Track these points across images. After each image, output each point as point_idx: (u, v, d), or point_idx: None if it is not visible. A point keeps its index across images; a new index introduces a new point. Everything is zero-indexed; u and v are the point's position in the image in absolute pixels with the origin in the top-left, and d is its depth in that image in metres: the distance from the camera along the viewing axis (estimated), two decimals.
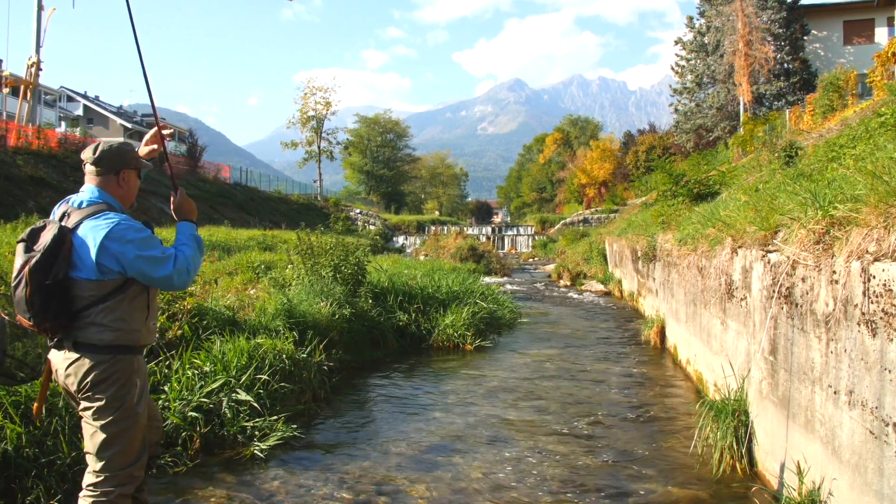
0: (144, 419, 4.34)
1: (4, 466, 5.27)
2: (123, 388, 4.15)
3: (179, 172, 50.43)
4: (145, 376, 4.41)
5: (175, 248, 4.26)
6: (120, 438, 4.16)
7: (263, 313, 9.93)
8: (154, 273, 4.10)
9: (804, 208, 5.33)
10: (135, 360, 4.26)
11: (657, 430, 7.91)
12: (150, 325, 4.38)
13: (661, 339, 13.33)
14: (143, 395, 4.31)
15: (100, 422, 4.14)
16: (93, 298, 4.10)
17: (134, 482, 4.28)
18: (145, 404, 4.37)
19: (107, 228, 4.06)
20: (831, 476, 4.49)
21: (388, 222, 65.78)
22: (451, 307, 14.15)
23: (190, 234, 4.38)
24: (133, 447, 4.24)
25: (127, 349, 4.19)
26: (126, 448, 4.19)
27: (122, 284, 4.14)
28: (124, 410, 4.15)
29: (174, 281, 4.15)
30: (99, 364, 4.10)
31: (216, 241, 21.41)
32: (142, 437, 4.34)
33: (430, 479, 6.37)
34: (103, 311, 4.11)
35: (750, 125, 31.23)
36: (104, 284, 4.10)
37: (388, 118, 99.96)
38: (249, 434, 7.04)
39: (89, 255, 4.05)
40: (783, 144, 14.41)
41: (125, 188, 4.38)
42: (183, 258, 4.18)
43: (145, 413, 4.36)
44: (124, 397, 4.15)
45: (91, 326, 4.11)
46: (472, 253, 32.65)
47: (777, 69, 39.33)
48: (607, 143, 74.50)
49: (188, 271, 4.19)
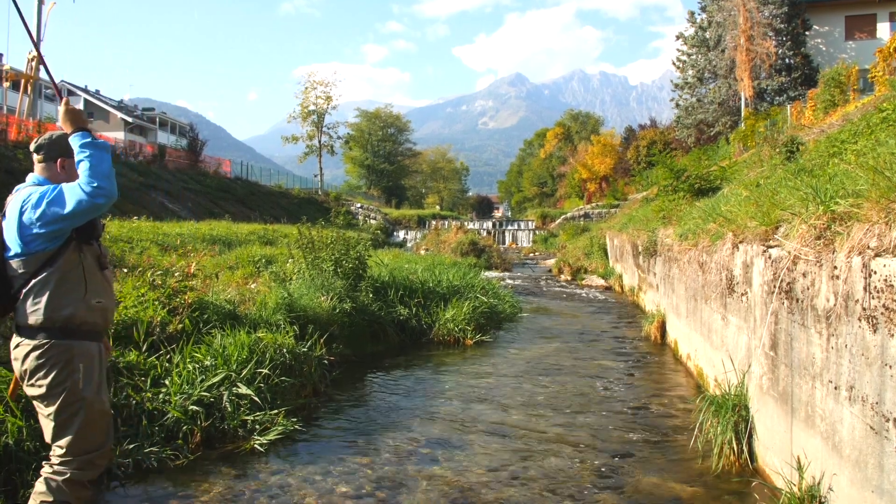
0: (102, 405, 4.28)
1: (5, 459, 5.28)
2: (62, 374, 4.11)
3: (181, 166, 50.48)
4: (98, 361, 4.32)
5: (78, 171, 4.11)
6: (71, 424, 4.14)
7: (264, 307, 9.93)
8: (68, 206, 4.00)
9: (805, 203, 5.32)
10: (74, 344, 4.17)
11: (657, 425, 7.91)
12: (93, 303, 4.26)
13: (661, 334, 13.33)
14: (92, 379, 4.22)
15: (46, 409, 4.14)
16: (24, 276, 4.10)
17: (93, 469, 4.25)
18: (103, 391, 4.31)
19: (22, 199, 4.11)
20: (831, 471, 4.50)
21: (389, 217, 65.76)
22: (452, 301, 14.17)
23: (82, 144, 4.11)
24: (90, 433, 4.20)
25: (63, 332, 4.13)
26: (82, 434, 4.16)
27: (50, 258, 4.10)
28: (69, 396, 4.11)
29: (93, 200, 4.00)
30: (36, 349, 4.09)
31: (217, 235, 21.42)
32: (103, 424, 4.30)
33: (431, 473, 6.37)
34: (34, 290, 4.09)
35: (751, 120, 31.19)
36: (31, 259, 4.09)
37: (389, 112, 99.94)
38: (250, 428, 7.06)
39: (12, 230, 4.09)
40: (784, 140, 14.39)
41: (64, 176, 4.31)
42: (88, 174, 4.02)
43: (103, 399, 4.30)
44: (64, 383, 4.11)
45: (25, 308, 4.11)
46: (472, 247, 32.63)
47: (778, 64, 39.24)
48: (608, 138, 74.41)
49: (98, 183, 4.00)
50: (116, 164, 39.70)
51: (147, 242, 16.14)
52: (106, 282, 4.44)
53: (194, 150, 55.99)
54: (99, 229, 4.43)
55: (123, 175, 37.13)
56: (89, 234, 4.29)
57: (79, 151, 4.10)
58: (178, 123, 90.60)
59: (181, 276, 9.33)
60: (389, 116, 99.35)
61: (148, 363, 7.34)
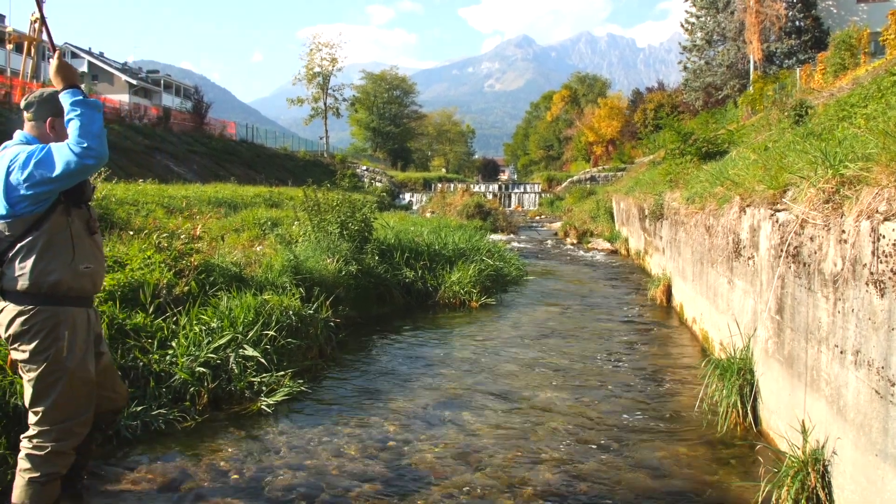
0: (86, 373, 4.25)
1: (15, 420, 5.32)
2: (46, 341, 4.07)
3: (186, 129, 50.36)
4: (84, 329, 4.28)
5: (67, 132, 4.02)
6: (50, 392, 4.12)
7: (270, 270, 9.94)
8: (57, 167, 3.91)
9: (814, 167, 5.29)
10: (60, 310, 4.13)
11: (662, 389, 7.94)
12: (81, 269, 4.20)
13: (667, 297, 13.34)
14: (76, 348, 4.18)
15: (28, 374, 4.12)
16: (9, 239, 4.03)
17: (73, 438, 4.23)
18: (88, 359, 4.28)
19: (9, 158, 4.01)
20: (835, 435, 4.51)
21: (395, 179, 65.70)
22: (458, 264, 14.18)
23: (73, 102, 4.02)
24: (69, 402, 4.18)
25: (49, 297, 4.09)
26: (60, 402, 4.14)
27: (36, 221, 4.03)
28: (51, 364, 4.08)
29: (83, 161, 3.91)
30: (21, 314, 4.05)
31: (222, 198, 21.43)
32: (85, 393, 4.26)
33: (436, 433, 6.41)
34: (20, 254, 4.03)
35: (760, 83, 30.95)
36: (17, 222, 4.01)
37: (395, 75, 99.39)
38: (257, 389, 7.10)
39: (0, 190, 4.00)
40: (793, 103, 14.29)
41: (53, 136, 4.21)
42: (78, 134, 3.93)
43: (87, 367, 4.27)
44: (47, 350, 4.08)
45: (10, 272, 4.06)
46: (478, 210, 32.57)
47: (788, 27, 38.85)
48: (615, 101, 74.04)
49: (87, 143, 3.91)
50: (122, 126, 39.69)
51: (153, 205, 16.15)
52: (95, 246, 4.38)
53: (199, 112, 55.92)
54: (88, 193, 4.33)
55: (128, 138, 37.09)
56: (78, 197, 4.21)
57: (69, 110, 4.01)
58: (183, 86, 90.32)
59: (187, 239, 9.33)
60: (395, 78, 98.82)
61: (154, 325, 7.36)
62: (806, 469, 4.65)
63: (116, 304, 7.33)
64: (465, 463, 5.75)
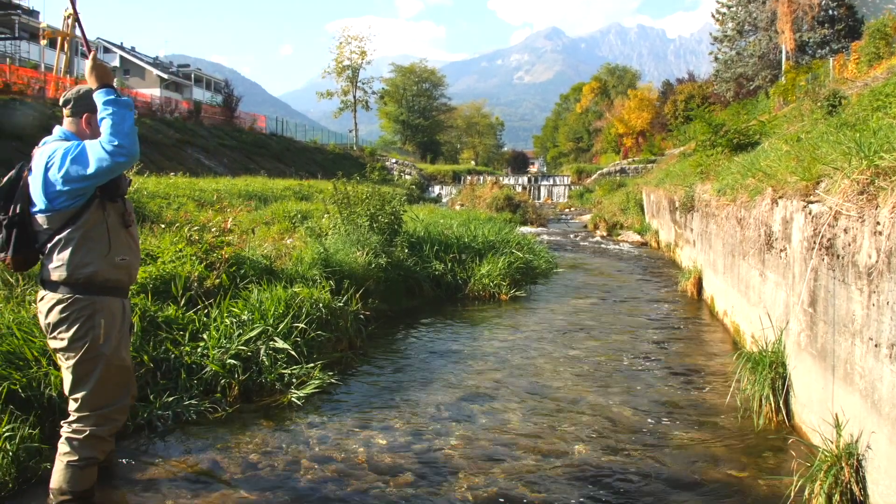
0: (121, 361, 4.40)
1: (49, 411, 5.39)
2: (83, 329, 4.21)
3: (216, 122, 50.67)
4: (120, 318, 4.41)
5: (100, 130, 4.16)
6: (88, 379, 4.26)
7: (300, 262, 9.98)
8: (90, 165, 4.05)
9: (848, 158, 5.22)
10: (97, 300, 4.26)
11: (693, 382, 7.89)
12: (116, 261, 4.34)
13: (697, 290, 13.25)
14: (112, 336, 4.32)
15: (67, 362, 4.26)
16: (49, 232, 4.19)
17: (110, 424, 4.39)
18: (123, 346, 4.43)
19: (48, 155, 4.17)
20: (870, 429, 4.45)
21: (424, 172, 65.73)
22: (487, 257, 14.17)
23: (105, 101, 4.17)
24: (107, 388, 4.32)
25: (86, 287, 4.22)
26: (98, 389, 4.28)
27: (73, 215, 4.17)
28: (88, 351, 4.22)
29: (114, 159, 4.05)
30: (59, 303, 4.20)
31: (253, 191, 21.54)
32: (122, 380, 4.42)
33: (465, 426, 6.41)
34: (58, 246, 4.18)
35: (792, 74, 30.64)
36: (55, 216, 4.16)
37: (424, 67, 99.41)
38: (287, 381, 7.13)
39: (37, 186, 4.15)
40: (826, 93, 14.12)
41: (89, 132, 4.37)
42: (109, 133, 4.07)
43: (123, 355, 4.41)
44: (84, 338, 4.21)
45: (49, 263, 4.21)
46: (508, 203, 32.54)
47: (821, 16, 38.40)
48: (645, 93, 73.64)
49: (119, 141, 4.05)
50: (153, 120, 40.02)
51: (184, 198, 16.27)
52: (131, 238, 4.52)
53: (230, 106, 56.24)
54: (123, 187, 4.47)
55: (159, 132, 37.38)
56: (113, 191, 4.34)
57: (101, 108, 4.14)
58: (214, 79, 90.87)
59: (218, 232, 9.39)
60: (424, 71, 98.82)
61: (186, 318, 7.42)
62: (839, 463, 4.60)
63: (148, 297, 7.41)
64: (494, 457, 5.74)
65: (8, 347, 5.71)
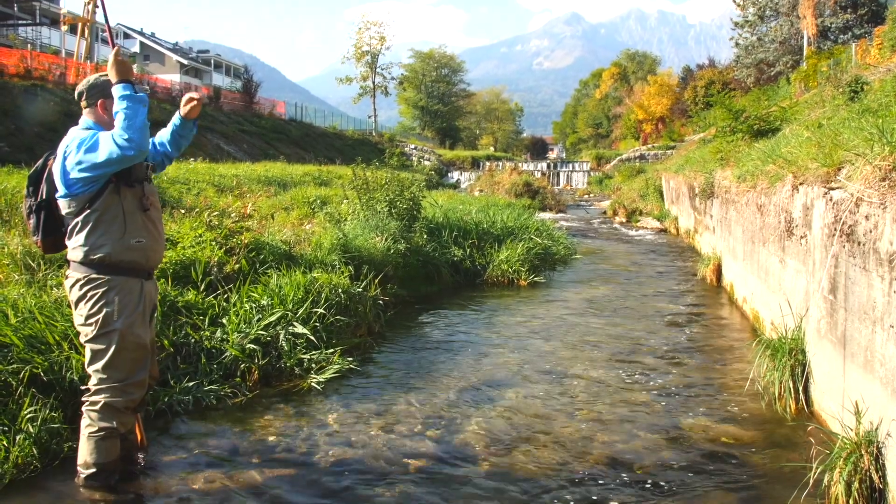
0: (137, 338, 4.55)
1: (71, 394, 5.45)
2: (97, 305, 4.43)
3: (236, 108, 50.75)
4: (136, 296, 4.58)
5: None
6: (103, 353, 4.46)
7: (319, 248, 10.01)
8: (101, 155, 4.27)
9: (870, 144, 5.18)
10: (112, 279, 4.46)
11: (712, 368, 7.88)
12: (132, 243, 4.52)
13: (717, 276, 13.20)
14: (126, 313, 4.49)
15: (85, 337, 4.50)
16: (70, 216, 4.44)
17: (125, 397, 4.55)
18: (139, 323, 4.58)
19: (66, 143, 4.44)
20: (891, 417, 4.43)
21: (443, 158, 65.66)
22: (506, 242, 14.15)
23: (122, 96, 4.31)
24: (123, 362, 4.51)
25: (101, 267, 4.44)
26: (114, 362, 4.47)
27: (90, 199, 4.39)
28: (102, 326, 4.43)
29: (124, 152, 4.24)
30: (78, 281, 4.45)
31: (272, 177, 21.62)
32: (138, 356, 4.58)
33: (484, 412, 6.43)
34: (76, 229, 4.43)
35: (813, 59, 30.33)
36: (75, 200, 4.39)
37: (443, 53, 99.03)
38: (306, 366, 7.17)
39: (58, 173, 4.42)
40: (848, 79, 13.97)
41: (108, 117, 4.55)
42: (121, 127, 4.23)
43: (138, 332, 4.56)
44: (98, 314, 4.43)
45: (70, 244, 4.49)
46: (527, 188, 32.46)
47: (844, 1, 37.95)
48: (665, 79, 73.18)
49: (129, 135, 4.22)
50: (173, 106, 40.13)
51: (203, 184, 16.37)
52: (150, 221, 4.68)
53: (249, 91, 56.22)
54: (140, 173, 4.63)
55: None
56: (128, 178, 4.52)
57: (118, 102, 4.31)
58: (233, 65, 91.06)
59: (237, 217, 9.42)
60: (443, 57, 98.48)
61: (206, 303, 7.47)
62: (859, 451, 4.58)
63: (168, 282, 7.46)
64: (514, 443, 5.76)
65: (30, 332, 5.77)
